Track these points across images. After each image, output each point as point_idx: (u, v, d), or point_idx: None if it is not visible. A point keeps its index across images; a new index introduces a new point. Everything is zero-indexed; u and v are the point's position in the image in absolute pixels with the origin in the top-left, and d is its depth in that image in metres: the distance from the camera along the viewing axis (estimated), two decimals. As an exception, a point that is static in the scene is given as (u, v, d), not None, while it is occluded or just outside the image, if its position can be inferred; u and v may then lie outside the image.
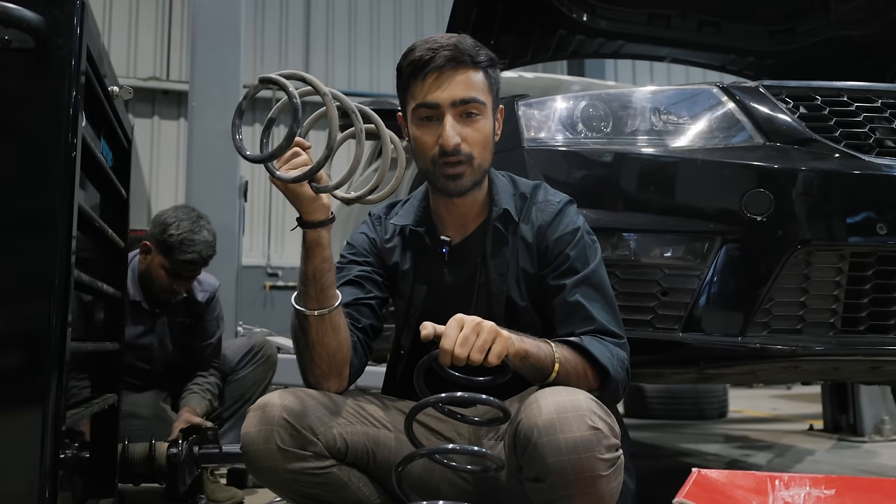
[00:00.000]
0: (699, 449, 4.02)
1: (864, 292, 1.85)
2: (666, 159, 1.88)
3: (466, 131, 1.43)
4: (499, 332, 1.21)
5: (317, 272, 1.34)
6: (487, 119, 1.46)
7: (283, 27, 11.71)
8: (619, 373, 1.37)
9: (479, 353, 1.18)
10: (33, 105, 1.18)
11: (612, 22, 3.24)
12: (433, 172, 1.46)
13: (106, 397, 1.69)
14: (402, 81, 1.49)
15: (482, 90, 1.44)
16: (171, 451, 2.12)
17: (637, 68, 11.84)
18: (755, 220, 1.79)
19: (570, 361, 1.32)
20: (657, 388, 5.22)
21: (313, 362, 1.39)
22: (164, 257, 2.52)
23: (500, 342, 1.21)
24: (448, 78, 1.42)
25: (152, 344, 2.68)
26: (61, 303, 1.15)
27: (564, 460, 1.18)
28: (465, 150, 1.42)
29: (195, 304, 2.75)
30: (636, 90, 2.04)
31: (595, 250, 1.48)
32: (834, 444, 4.07)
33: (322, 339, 1.37)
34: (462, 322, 1.21)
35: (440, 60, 1.41)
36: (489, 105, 1.46)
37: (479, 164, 1.45)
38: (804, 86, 2.01)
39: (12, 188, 1.17)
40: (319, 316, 1.35)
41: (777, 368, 2.01)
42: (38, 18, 1.15)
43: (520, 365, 1.27)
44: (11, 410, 1.15)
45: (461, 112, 1.43)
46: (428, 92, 1.43)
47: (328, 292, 1.35)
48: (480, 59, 1.44)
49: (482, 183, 1.50)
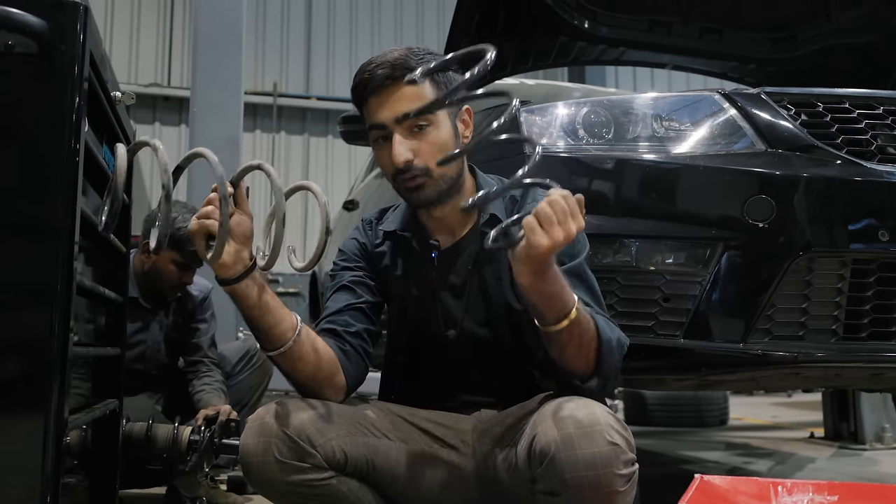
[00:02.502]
0: (700, 456, 4.01)
1: (866, 299, 1.85)
2: (668, 166, 1.88)
3: (418, 144, 1.41)
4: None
5: (249, 319, 1.34)
6: (440, 126, 1.43)
7: (285, 33, 11.75)
8: (614, 354, 1.33)
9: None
10: (36, 110, 1.18)
11: (614, 29, 3.25)
12: (398, 189, 1.47)
13: (107, 402, 1.69)
14: (356, 105, 1.49)
15: (428, 99, 1.40)
16: (193, 437, 2.17)
17: (638, 75, 11.86)
18: (757, 227, 1.79)
19: (584, 317, 1.28)
20: (657, 395, 5.22)
21: (296, 385, 1.41)
22: (175, 251, 2.57)
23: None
24: (388, 95, 1.41)
25: (146, 342, 2.69)
26: (63, 308, 1.15)
27: (582, 476, 1.17)
28: (419, 164, 1.41)
29: (189, 301, 2.79)
30: (638, 97, 2.04)
31: (583, 245, 1.44)
32: (835, 452, 4.06)
33: (293, 369, 1.37)
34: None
35: (377, 80, 1.40)
36: (442, 112, 1.43)
37: (441, 173, 1.42)
38: (806, 92, 2.01)
39: (15, 193, 1.17)
40: (277, 354, 1.35)
41: (779, 375, 2.00)
42: (42, 23, 1.16)
43: (546, 286, 1.21)
44: (13, 415, 1.15)
45: (409, 126, 1.41)
46: (373, 113, 1.43)
47: (273, 332, 1.34)
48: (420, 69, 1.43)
49: (459, 189, 1.48)
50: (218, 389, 2.64)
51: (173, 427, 2.16)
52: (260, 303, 1.32)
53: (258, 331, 1.34)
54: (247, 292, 1.31)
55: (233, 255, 1.29)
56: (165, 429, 2.16)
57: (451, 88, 1.19)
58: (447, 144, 1.43)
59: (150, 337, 2.71)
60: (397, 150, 1.40)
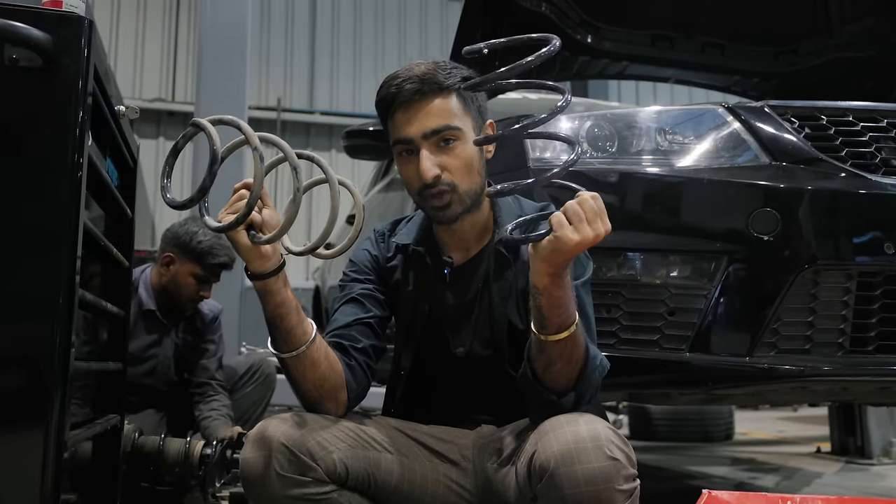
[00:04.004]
0: (706, 471, 3.99)
1: (873, 312, 1.84)
2: (672, 179, 1.87)
3: (445, 160, 1.41)
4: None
5: (275, 317, 1.33)
6: (466, 142, 1.42)
7: (289, 49, 11.82)
8: (595, 375, 1.34)
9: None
10: (40, 123, 1.18)
11: (617, 43, 3.26)
12: (422, 204, 1.46)
13: (109, 417, 1.68)
14: (381, 118, 1.48)
15: (456, 114, 1.41)
16: (205, 451, 2.17)
17: (640, 89, 11.90)
18: (762, 240, 1.78)
19: (579, 335, 1.28)
20: (662, 410, 5.19)
21: (302, 394, 1.40)
22: (195, 264, 2.63)
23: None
24: (416, 110, 1.40)
25: (157, 357, 2.70)
26: (65, 322, 1.15)
27: (582, 492, 1.16)
28: (447, 179, 1.40)
29: (199, 319, 2.81)
30: (641, 110, 2.04)
31: (584, 267, 1.44)
32: (842, 467, 4.03)
33: (304, 375, 1.36)
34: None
35: (406, 94, 1.40)
36: (468, 127, 1.43)
37: (466, 189, 1.42)
38: (809, 105, 2.01)
39: (18, 206, 1.16)
40: (294, 356, 1.34)
41: (785, 389, 1.99)
42: (46, 37, 1.16)
43: (559, 293, 1.22)
44: (14, 430, 1.14)
45: (436, 142, 1.41)
46: (400, 128, 1.42)
47: (294, 333, 1.33)
48: (449, 83, 1.41)
49: (479, 205, 1.48)
50: (225, 416, 2.64)
51: (185, 441, 2.16)
52: (286, 300, 1.32)
53: (280, 330, 1.33)
54: (277, 287, 1.31)
55: (270, 246, 1.29)
56: (177, 443, 2.16)
57: (507, 68, 1.17)
58: (472, 161, 1.43)
59: (162, 352, 2.72)
60: (425, 165, 1.39)
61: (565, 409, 1.29)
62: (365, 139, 2.94)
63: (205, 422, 2.61)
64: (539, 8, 2.94)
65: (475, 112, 1.46)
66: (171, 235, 2.68)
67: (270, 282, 1.30)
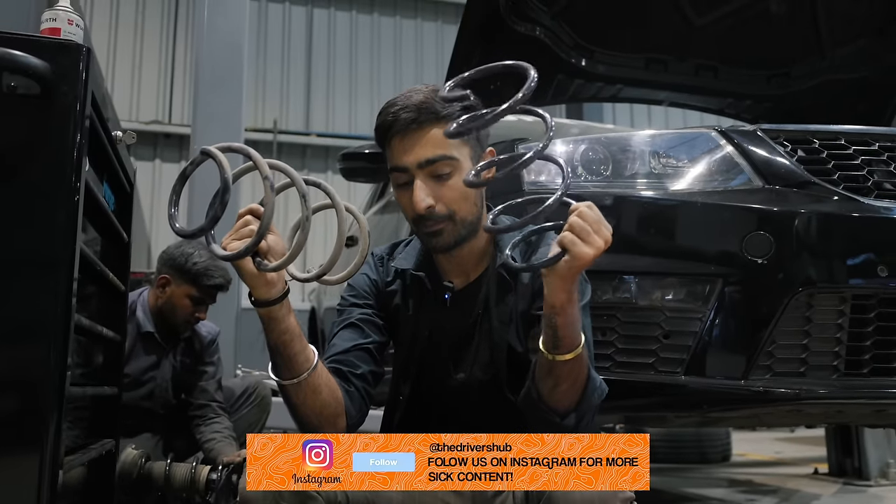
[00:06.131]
0: (703, 493, 3.97)
1: (867, 335, 1.84)
2: (665, 202, 1.89)
3: (440, 190, 1.40)
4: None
5: (278, 344, 1.31)
6: (462, 172, 1.41)
7: (285, 70, 11.86)
8: (595, 396, 1.34)
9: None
10: (38, 149, 1.19)
11: (611, 66, 3.29)
12: (417, 231, 1.46)
13: (104, 442, 1.67)
14: (378, 144, 1.48)
15: (453, 144, 1.40)
16: (211, 476, 2.17)
17: (635, 112, 11.95)
18: (756, 263, 1.79)
19: (585, 354, 1.29)
20: (659, 431, 5.17)
21: (301, 420, 1.38)
22: (191, 286, 2.63)
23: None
24: (412, 140, 1.40)
25: (156, 380, 2.69)
26: (61, 347, 1.15)
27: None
28: (440, 210, 1.40)
29: (197, 341, 2.81)
30: (635, 134, 2.05)
31: (583, 291, 1.44)
32: (839, 489, 4.02)
33: (304, 402, 1.35)
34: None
35: (402, 123, 1.40)
36: (465, 156, 1.43)
37: (463, 218, 1.42)
38: (802, 129, 2.03)
39: (15, 230, 1.17)
40: (295, 383, 1.33)
41: (781, 412, 1.99)
42: (45, 65, 1.17)
43: (572, 310, 1.22)
44: (8, 455, 1.14)
45: (432, 171, 1.40)
46: (396, 156, 1.42)
47: (297, 360, 1.32)
48: (446, 113, 1.40)
49: (476, 232, 1.47)
50: (228, 437, 2.63)
51: (191, 466, 2.15)
52: (290, 327, 1.31)
53: (283, 357, 1.32)
54: (282, 314, 1.30)
55: (275, 273, 1.28)
56: (184, 468, 2.16)
57: (494, 113, 1.18)
58: (469, 190, 1.42)
59: (161, 375, 2.71)
60: (418, 195, 1.39)
61: (566, 429, 1.29)
62: (361, 162, 2.95)
63: (208, 444, 2.59)
64: (534, 32, 2.96)
65: (473, 140, 1.46)
66: (166, 257, 2.68)
67: (275, 309, 1.29)
